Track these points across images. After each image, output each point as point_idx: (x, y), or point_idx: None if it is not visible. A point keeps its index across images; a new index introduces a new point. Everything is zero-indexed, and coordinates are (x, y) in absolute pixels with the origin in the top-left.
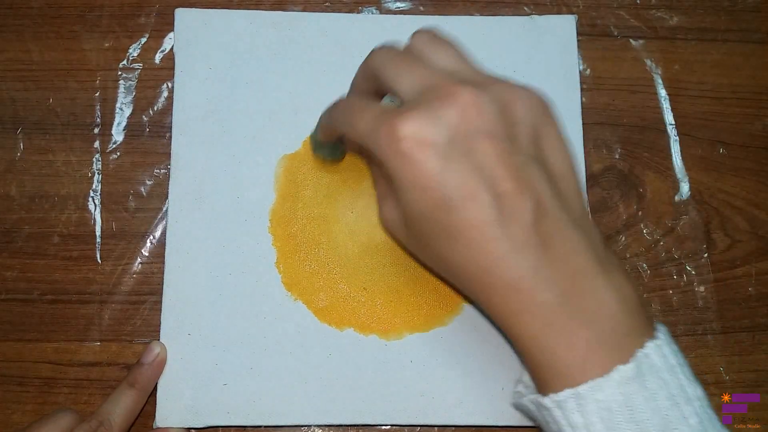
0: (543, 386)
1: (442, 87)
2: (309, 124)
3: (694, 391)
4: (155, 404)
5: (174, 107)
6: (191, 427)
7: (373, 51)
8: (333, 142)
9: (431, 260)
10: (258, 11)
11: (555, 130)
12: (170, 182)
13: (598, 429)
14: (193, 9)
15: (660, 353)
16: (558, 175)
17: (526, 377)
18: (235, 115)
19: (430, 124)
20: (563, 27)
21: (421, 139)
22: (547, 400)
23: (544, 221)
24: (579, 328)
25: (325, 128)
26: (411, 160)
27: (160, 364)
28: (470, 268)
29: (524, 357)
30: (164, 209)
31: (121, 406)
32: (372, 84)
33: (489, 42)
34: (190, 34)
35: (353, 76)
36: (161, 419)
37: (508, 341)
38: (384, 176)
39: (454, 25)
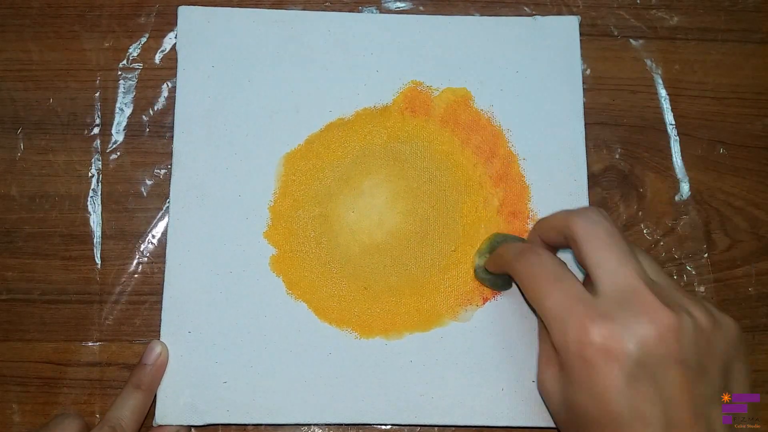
0: None
1: (645, 299)
2: (310, 122)
3: None
4: (155, 402)
5: (176, 105)
6: (191, 424)
7: (580, 215)
8: (499, 275)
9: None
10: (261, 9)
11: (746, 368)
12: (172, 180)
13: None
14: (196, 7)
15: None
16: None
17: None
18: (237, 113)
19: (624, 338)
20: (566, 28)
21: (610, 352)
22: None
23: None
24: None
25: (499, 262)
26: (595, 368)
27: (163, 364)
28: None
29: None
30: (164, 209)
31: (130, 408)
32: (561, 242)
33: (492, 42)
34: (193, 31)
35: (539, 224)
36: (161, 417)
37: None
38: (556, 354)
39: (458, 26)
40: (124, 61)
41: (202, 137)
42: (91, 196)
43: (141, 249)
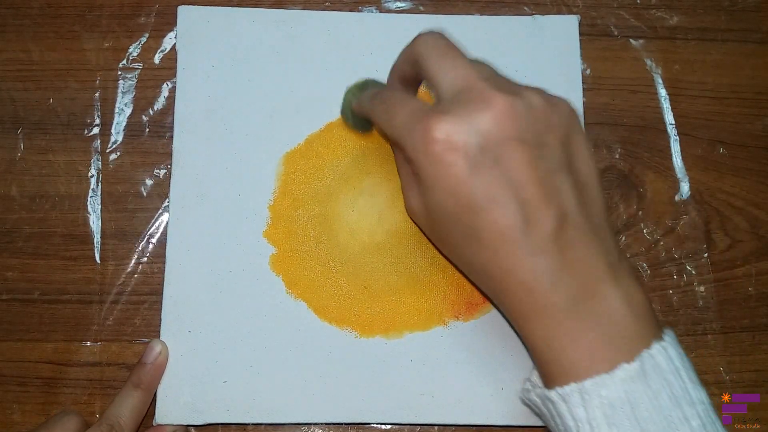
0: (550, 382)
1: (479, 91)
2: (310, 122)
3: (698, 394)
4: (155, 401)
5: (176, 105)
6: (191, 424)
7: (419, 36)
8: (364, 119)
9: (452, 256)
10: (261, 9)
11: (583, 138)
12: (172, 180)
13: (600, 423)
14: (196, 6)
15: (665, 355)
16: (583, 183)
17: (535, 376)
18: (237, 112)
19: (464, 129)
20: (566, 27)
21: (453, 144)
22: (553, 393)
23: (565, 229)
24: (586, 329)
25: (360, 107)
26: (441, 163)
27: (163, 363)
28: (489, 269)
29: (533, 354)
30: (164, 209)
31: (129, 407)
32: (412, 69)
33: (492, 42)
34: (193, 31)
35: (391, 65)
36: (161, 416)
37: (520, 339)
38: (412, 171)
39: (458, 25)
40: (124, 61)
41: (202, 137)
42: (91, 196)
43: (141, 249)
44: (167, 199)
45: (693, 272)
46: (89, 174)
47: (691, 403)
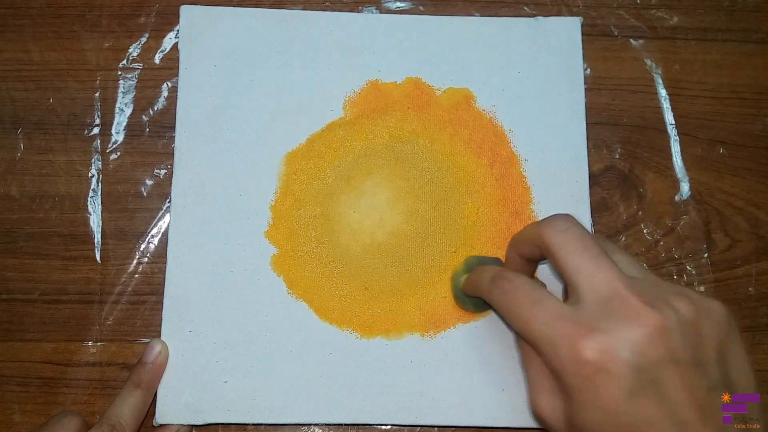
0: None
1: (627, 303)
2: (311, 122)
3: None
4: (155, 401)
5: (178, 104)
6: (191, 424)
7: (550, 223)
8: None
9: None
10: (262, 9)
11: (740, 347)
12: (173, 179)
13: None
14: (199, 6)
15: None
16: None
17: None
18: (239, 112)
19: (616, 348)
20: (568, 29)
21: (606, 366)
22: None
23: None
24: None
25: (472, 289)
26: (594, 384)
27: (163, 362)
28: None
29: None
30: (164, 209)
31: (130, 407)
32: (536, 255)
33: (494, 43)
34: (195, 31)
35: (517, 239)
36: (161, 416)
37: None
38: (554, 378)
39: (460, 26)
40: (124, 61)
41: (204, 136)
42: (91, 196)
43: (141, 249)
44: (168, 199)
45: (693, 272)
46: (89, 174)
47: None
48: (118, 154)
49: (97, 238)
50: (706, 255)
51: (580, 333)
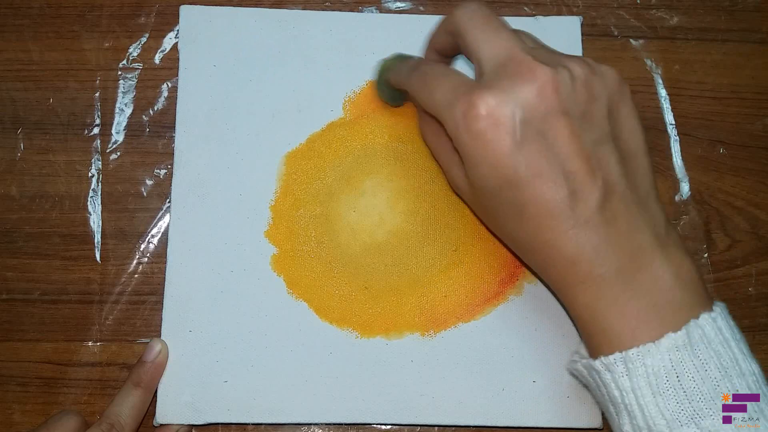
0: (595, 352)
1: (522, 63)
2: (311, 122)
3: (749, 366)
4: (155, 401)
5: (177, 104)
6: (191, 423)
7: (459, 5)
8: (398, 90)
9: (497, 230)
10: (262, 9)
11: (630, 107)
12: (173, 179)
13: (645, 393)
14: (198, 6)
15: (714, 326)
16: (630, 153)
17: (582, 349)
18: (239, 112)
19: (507, 103)
20: (568, 28)
21: (496, 119)
22: (598, 363)
23: (611, 200)
24: (632, 299)
25: (397, 79)
26: (484, 139)
27: (163, 362)
28: (534, 243)
29: (579, 325)
30: (164, 209)
31: (129, 406)
32: (451, 41)
33: None
34: (195, 31)
35: (427, 37)
36: (161, 416)
37: (566, 311)
38: (454, 146)
39: None
40: (124, 61)
41: (204, 136)
42: (91, 196)
43: (141, 249)
44: (168, 199)
45: None
46: (89, 174)
47: (741, 375)
48: (118, 154)
49: (97, 238)
50: (706, 255)
51: (474, 93)
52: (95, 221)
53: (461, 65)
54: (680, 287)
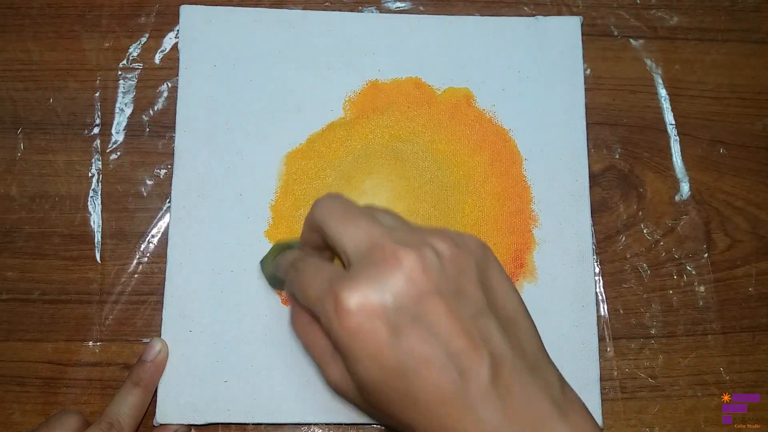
0: None
1: (385, 249)
2: (311, 122)
3: None
4: (155, 400)
5: (178, 104)
6: (191, 423)
7: (315, 202)
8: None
9: (391, 423)
10: (262, 9)
11: (498, 271)
12: (173, 179)
13: None
14: (198, 6)
15: None
16: (510, 319)
17: None
18: (239, 112)
19: (377, 293)
20: (568, 28)
21: (369, 312)
22: None
23: (502, 373)
24: None
25: (278, 273)
26: (359, 333)
27: (162, 361)
28: (433, 430)
29: None
30: (164, 209)
31: (129, 405)
32: (318, 237)
33: (494, 43)
34: (195, 30)
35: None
36: (161, 416)
37: None
38: (330, 343)
39: (460, 26)
40: (124, 61)
41: (204, 136)
42: (91, 196)
43: (141, 249)
44: (168, 199)
45: (693, 272)
46: (89, 174)
47: None
48: (118, 154)
49: (97, 238)
50: (706, 255)
51: (341, 287)
52: (95, 221)
53: None
54: None
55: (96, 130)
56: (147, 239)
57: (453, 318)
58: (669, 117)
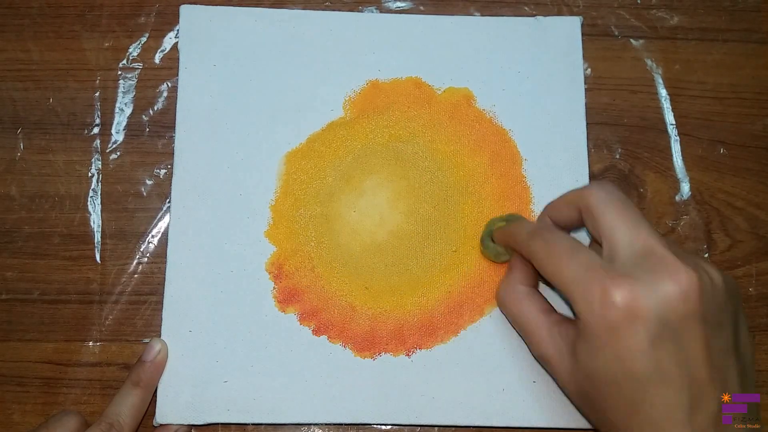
0: None
1: (664, 259)
2: (311, 121)
3: None
4: (154, 400)
5: (177, 104)
6: (191, 423)
7: (592, 187)
8: (503, 248)
9: (601, 424)
10: (262, 9)
11: (744, 316)
12: (173, 179)
13: None
14: (198, 5)
15: None
16: (747, 365)
17: None
18: (238, 112)
19: (649, 299)
20: (568, 29)
21: (634, 312)
22: None
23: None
24: None
25: (511, 240)
26: (619, 329)
27: (162, 361)
28: None
29: None
30: (164, 209)
31: (128, 405)
32: (574, 215)
33: (494, 43)
34: (195, 30)
35: (554, 204)
36: (161, 416)
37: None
38: (574, 326)
39: (460, 26)
40: (124, 61)
41: (204, 136)
42: (91, 196)
43: (141, 249)
44: (168, 199)
45: None
46: (89, 174)
47: None
48: (118, 154)
49: (97, 238)
50: (706, 255)
51: (612, 279)
52: (95, 221)
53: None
54: None
55: (96, 130)
56: (147, 239)
57: (707, 348)
58: (669, 117)
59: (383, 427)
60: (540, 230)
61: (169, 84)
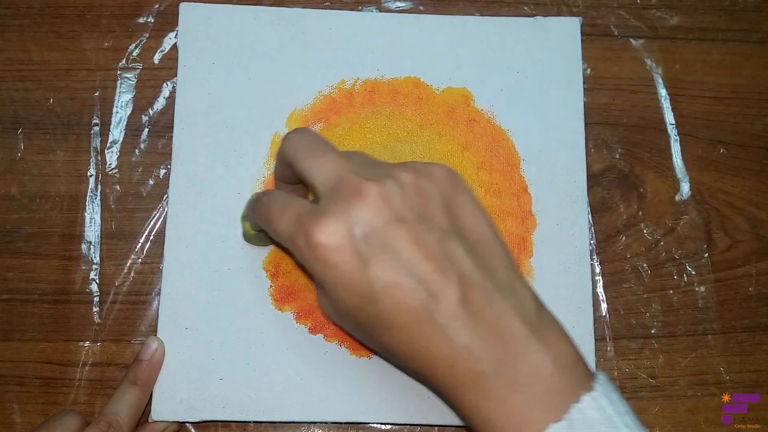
0: None
1: (350, 183)
2: (311, 120)
3: None
4: (150, 398)
5: (176, 102)
6: (186, 421)
7: (286, 136)
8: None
9: (371, 345)
10: (262, 7)
11: (467, 198)
12: (171, 176)
13: None
14: (198, 3)
15: (596, 405)
16: (479, 242)
17: None
18: (237, 110)
19: (344, 225)
20: (567, 29)
21: (336, 244)
22: None
23: (471, 293)
24: (514, 393)
25: (251, 220)
26: (330, 264)
27: (159, 360)
28: (407, 351)
29: (470, 426)
30: (164, 209)
31: (126, 404)
32: (290, 171)
33: (493, 43)
34: (194, 28)
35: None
36: (157, 413)
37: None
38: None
39: (459, 26)
40: (124, 61)
41: (202, 134)
42: (91, 196)
43: (140, 249)
44: (167, 196)
45: (693, 272)
46: (89, 174)
47: None
48: (118, 154)
49: (97, 238)
50: (706, 255)
51: (311, 221)
52: (95, 221)
53: None
54: (559, 372)
55: (96, 130)
56: (147, 239)
57: (417, 243)
58: (669, 117)
59: (383, 426)
60: (260, 194)
61: (169, 84)
